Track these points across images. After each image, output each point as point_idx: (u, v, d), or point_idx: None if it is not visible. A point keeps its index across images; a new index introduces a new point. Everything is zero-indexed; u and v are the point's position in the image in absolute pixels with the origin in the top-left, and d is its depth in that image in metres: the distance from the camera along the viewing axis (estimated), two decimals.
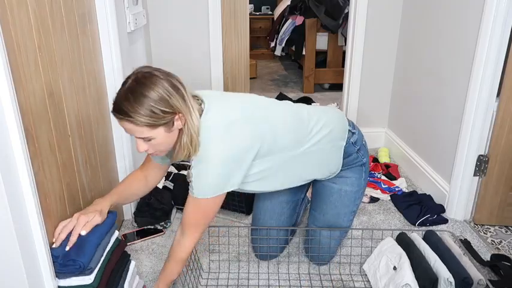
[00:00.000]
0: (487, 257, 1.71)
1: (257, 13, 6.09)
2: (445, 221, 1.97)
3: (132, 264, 1.41)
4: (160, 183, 2.16)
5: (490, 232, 1.90)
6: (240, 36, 3.30)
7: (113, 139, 1.82)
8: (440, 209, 2.02)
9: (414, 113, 2.41)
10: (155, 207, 1.95)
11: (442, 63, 2.08)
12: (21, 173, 1.04)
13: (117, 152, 1.85)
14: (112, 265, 1.30)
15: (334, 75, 4.13)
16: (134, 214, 1.95)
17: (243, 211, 2.01)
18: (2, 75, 0.95)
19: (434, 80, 2.16)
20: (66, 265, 1.15)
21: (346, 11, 3.70)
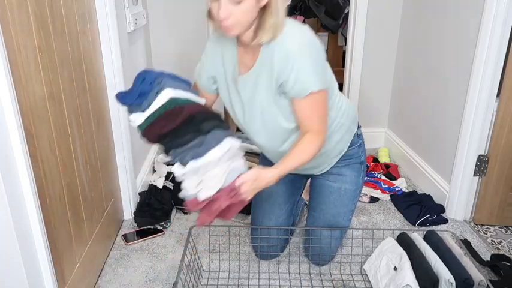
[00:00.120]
0: (487, 257, 1.71)
1: None
2: (445, 221, 1.97)
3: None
4: (161, 183, 2.16)
5: (490, 232, 1.90)
6: None
7: (113, 139, 1.81)
8: (440, 209, 2.02)
9: (414, 113, 2.41)
10: (155, 207, 1.95)
11: (442, 63, 2.08)
12: (21, 173, 1.04)
13: (117, 152, 1.85)
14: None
15: (334, 75, 4.12)
16: (134, 214, 1.95)
17: (243, 211, 2.00)
18: (2, 75, 0.96)
19: (435, 80, 2.16)
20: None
21: (346, 11, 3.69)
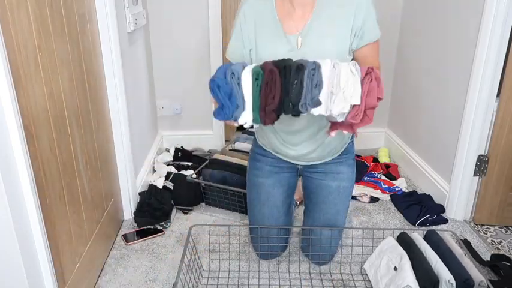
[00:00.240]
0: (487, 257, 1.71)
1: None
2: (445, 221, 1.97)
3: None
4: (161, 183, 2.17)
5: (490, 232, 1.90)
6: None
7: (113, 139, 1.81)
8: (440, 209, 2.02)
9: (414, 113, 2.41)
10: (155, 207, 1.95)
11: (442, 63, 2.08)
12: (21, 173, 1.04)
13: (117, 152, 1.85)
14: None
15: None
16: (134, 214, 1.95)
17: (242, 211, 2.01)
18: (2, 75, 0.96)
19: (435, 80, 2.16)
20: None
21: None
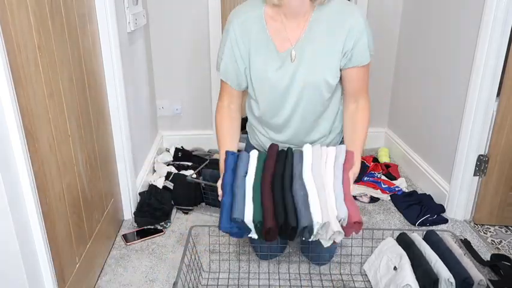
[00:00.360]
0: (487, 257, 1.71)
1: None
2: (445, 221, 1.97)
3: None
4: (161, 183, 2.17)
5: (490, 232, 1.90)
6: None
7: (113, 139, 1.81)
8: (440, 209, 2.02)
9: (414, 113, 2.41)
10: (155, 207, 1.95)
11: (442, 63, 2.08)
12: (21, 173, 1.04)
13: (117, 152, 1.85)
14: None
15: None
16: (134, 214, 1.95)
17: None
18: (2, 75, 0.96)
19: (434, 80, 2.16)
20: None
21: None
